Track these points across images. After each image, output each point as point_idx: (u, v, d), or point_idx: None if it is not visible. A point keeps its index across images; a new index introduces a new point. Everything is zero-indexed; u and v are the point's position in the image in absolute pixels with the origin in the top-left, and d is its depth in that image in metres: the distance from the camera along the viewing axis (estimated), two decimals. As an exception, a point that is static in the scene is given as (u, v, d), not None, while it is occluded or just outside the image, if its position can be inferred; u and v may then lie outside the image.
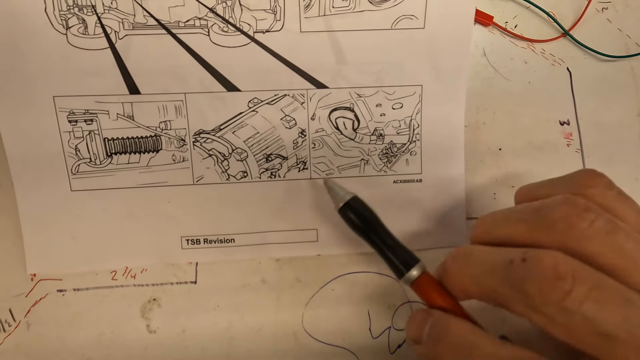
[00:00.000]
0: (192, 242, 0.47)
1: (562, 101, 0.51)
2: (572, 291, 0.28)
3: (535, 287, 0.29)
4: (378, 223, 0.41)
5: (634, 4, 0.52)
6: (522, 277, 0.30)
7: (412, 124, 0.48)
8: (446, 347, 0.33)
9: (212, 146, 0.46)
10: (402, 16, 0.45)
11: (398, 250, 0.39)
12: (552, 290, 0.29)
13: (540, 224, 0.32)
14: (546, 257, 0.30)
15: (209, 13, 0.43)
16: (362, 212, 0.41)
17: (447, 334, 0.34)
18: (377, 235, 0.40)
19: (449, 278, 0.36)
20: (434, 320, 0.35)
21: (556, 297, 0.28)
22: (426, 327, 0.35)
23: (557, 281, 0.29)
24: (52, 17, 0.42)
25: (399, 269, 0.39)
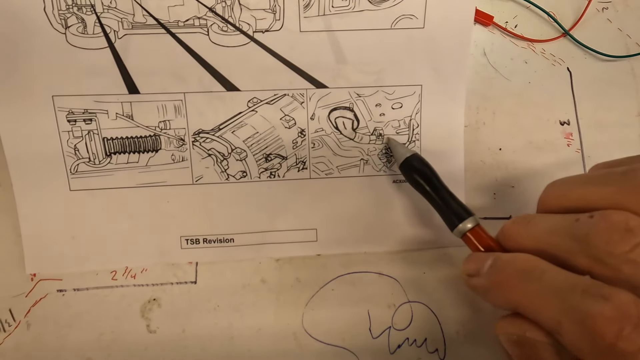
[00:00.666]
0: (191, 242, 0.47)
1: (562, 101, 0.51)
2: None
3: (603, 239, 0.29)
4: (436, 178, 0.43)
5: (634, 4, 0.53)
6: (588, 229, 0.30)
7: (412, 124, 0.48)
8: (513, 272, 0.33)
9: (211, 146, 0.46)
10: (401, 16, 0.45)
11: (452, 204, 0.41)
12: (621, 241, 0.28)
13: (630, 185, 0.30)
14: (617, 213, 0.29)
15: (208, 12, 0.44)
16: (421, 168, 0.43)
17: (514, 261, 0.33)
18: (434, 190, 0.42)
19: (506, 237, 0.36)
20: (497, 254, 0.35)
21: (624, 247, 0.28)
22: (488, 261, 0.35)
23: (627, 233, 0.28)
24: (51, 16, 0.42)
25: (452, 220, 0.40)
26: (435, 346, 0.49)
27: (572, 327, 0.29)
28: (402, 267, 0.49)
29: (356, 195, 0.48)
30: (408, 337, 0.49)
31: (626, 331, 0.27)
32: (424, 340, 0.49)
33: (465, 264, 0.37)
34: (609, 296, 0.28)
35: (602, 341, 0.27)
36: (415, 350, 0.49)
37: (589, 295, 0.28)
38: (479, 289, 0.36)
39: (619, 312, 0.27)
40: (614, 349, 0.27)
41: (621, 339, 0.27)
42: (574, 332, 0.29)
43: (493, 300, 0.35)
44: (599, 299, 0.28)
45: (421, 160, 0.44)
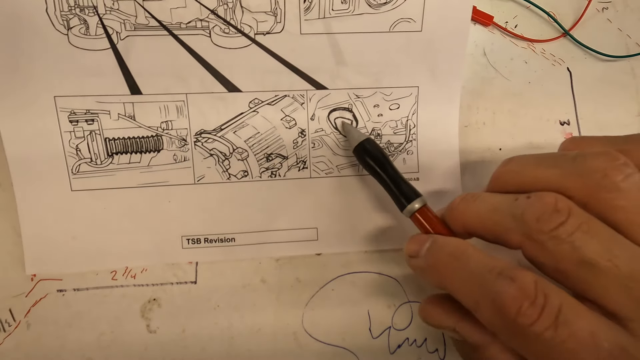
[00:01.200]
0: (192, 242, 0.48)
1: (562, 101, 0.52)
2: (565, 222, 0.31)
3: (534, 217, 0.32)
4: (387, 162, 0.44)
5: (634, 4, 0.53)
6: (523, 208, 0.33)
7: (409, 124, 0.49)
8: (444, 256, 0.37)
9: (213, 146, 0.47)
10: (400, 19, 0.46)
11: (403, 186, 0.43)
12: (548, 220, 0.32)
13: (574, 170, 0.34)
14: (549, 195, 0.33)
15: (210, 15, 0.44)
16: (374, 152, 0.44)
17: (446, 246, 0.37)
18: (386, 173, 0.43)
19: (453, 214, 0.39)
20: (434, 237, 0.39)
21: (551, 225, 0.32)
22: (427, 243, 0.38)
23: (554, 213, 0.32)
24: (54, 17, 0.42)
25: (401, 201, 0.42)
26: (435, 346, 0.50)
27: (486, 306, 0.32)
28: (402, 267, 0.50)
29: (356, 194, 0.49)
30: (408, 337, 0.49)
31: (524, 307, 0.30)
32: (424, 340, 0.50)
33: (407, 245, 0.41)
34: (515, 277, 0.31)
35: (506, 316, 0.31)
36: (415, 350, 0.49)
37: (501, 277, 0.32)
38: (417, 269, 0.39)
39: (520, 291, 0.31)
40: (515, 323, 0.30)
41: (520, 314, 0.30)
42: (487, 310, 0.32)
43: (429, 281, 0.39)
44: (507, 280, 0.31)
45: (374, 144, 0.45)
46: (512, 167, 0.38)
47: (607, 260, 0.30)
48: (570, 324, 0.30)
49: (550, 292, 0.31)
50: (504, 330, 0.32)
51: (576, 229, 0.31)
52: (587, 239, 0.31)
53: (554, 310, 0.30)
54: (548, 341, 0.30)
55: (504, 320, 0.31)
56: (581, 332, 0.29)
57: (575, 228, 0.31)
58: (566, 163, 0.34)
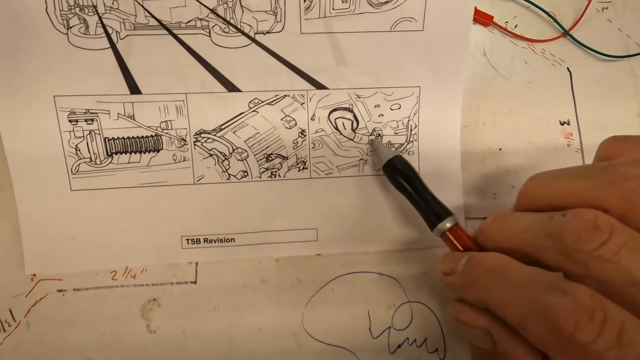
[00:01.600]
0: (192, 242, 0.48)
1: (562, 101, 0.53)
2: (608, 241, 0.30)
3: (573, 236, 0.31)
4: (417, 178, 0.44)
5: (634, 4, 0.54)
6: (560, 227, 0.31)
7: (410, 125, 0.49)
8: (483, 271, 0.36)
9: (212, 146, 0.47)
10: (401, 18, 0.47)
11: (433, 204, 0.43)
12: (590, 238, 0.30)
13: (607, 180, 0.32)
14: (586, 211, 0.31)
15: (210, 14, 0.44)
16: (403, 169, 0.45)
17: (485, 260, 0.36)
18: (416, 190, 0.44)
19: (485, 234, 0.39)
20: (471, 253, 0.38)
21: (593, 245, 0.30)
22: (462, 260, 0.38)
23: (595, 231, 0.30)
24: (53, 16, 0.43)
25: (432, 220, 0.42)
26: (435, 346, 0.50)
27: (535, 321, 0.31)
28: (402, 267, 0.50)
29: (356, 195, 0.49)
30: (408, 337, 0.50)
31: (582, 323, 0.28)
32: (424, 340, 0.50)
33: (441, 264, 0.40)
34: (568, 290, 0.30)
35: (561, 333, 0.29)
36: (415, 350, 0.50)
37: (551, 290, 0.30)
38: (454, 286, 0.39)
39: (576, 305, 0.29)
40: (572, 340, 0.29)
41: (578, 330, 0.28)
42: (537, 325, 0.31)
43: (466, 297, 0.38)
44: (559, 293, 0.30)
45: (403, 161, 0.45)
46: (539, 183, 0.37)
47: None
48: (636, 344, 0.28)
49: (609, 307, 0.29)
50: (558, 348, 0.31)
51: (621, 247, 0.30)
52: (635, 257, 0.29)
53: (616, 327, 0.29)
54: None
55: (559, 337, 0.30)
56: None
57: (619, 246, 0.30)
58: (596, 174, 0.33)
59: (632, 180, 0.31)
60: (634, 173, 0.31)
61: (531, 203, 0.37)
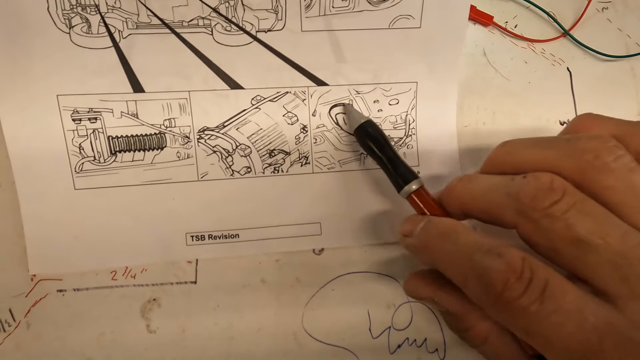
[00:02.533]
0: (197, 239, 0.49)
1: (562, 101, 0.54)
2: (560, 200, 0.33)
3: (529, 195, 0.34)
4: (387, 144, 0.46)
5: (634, 4, 0.55)
6: (519, 187, 0.35)
7: (408, 119, 0.51)
8: (436, 235, 0.39)
9: (216, 143, 0.48)
10: (399, 16, 0.48)
11: (400, 167, 0.44)
12: (543, 198, 0.34)
13: (568, 151, 0.36)
14: (545, 174, 0.35)
15: (212, 13, 0.46)
16: (374, 133, 0.46)
17: (439, 225, 0.39)
18: (385, 155, 0.45)
19: (450, 195, 0.42)
20: (429, 217, 0.41)
21: (545, 203, 0.33)
22: (421, 223, 0.41)
23: (549, 191, 0.34)
24: (55, 16, 0.44)
25: (398, 182, 0.44)
26: (435, 346, 0.51)
27: (474, 281, 0.35)
28: (402, 266, 0.51)
29: (358, 188, 0.51)
30: (408, 337, 0.51)
31: (511, 282, 0.32)
32: (424, 340, 0.51)
33: (402, 225, 0.43)
34: (502, 254, 0.33)
35: (492, 291, 0.33)
36: (415, 350, 0.51)
37: (489, 254, 0.34)
38: (411, 248, 0.42)
39: (507, 266, 0.33)
40: (501, 298, 0.32)
41: (506, 289, 0.32)
42: (475, 286, 0.35)
43: (421, 259, 0.42)
44: (495, 256, 0.33)
45: (375, 126, 0.47)
46: (507, 149, 0.40)
47: (599, 238, 0.32)
48: (557, 299, 0.31)
49: (537, 268, 0.32)
50: (490, 304, 0.34)
51: (570, 207, 0.33)
52: (581, 218, 0.33)
53: (540, 284, 0.32)
54: (533, 315, 0.31)
55: (491, 295, 0.33)
56: (567, 306, 0.31)
57: (569, 206, 0.33)
58: (560, 144, 0.36)
59: (589, 153, 0.35)
60: (592, 146, 0.35)
61: (498, 167, 0.40)
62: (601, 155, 0.34)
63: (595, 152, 0.34)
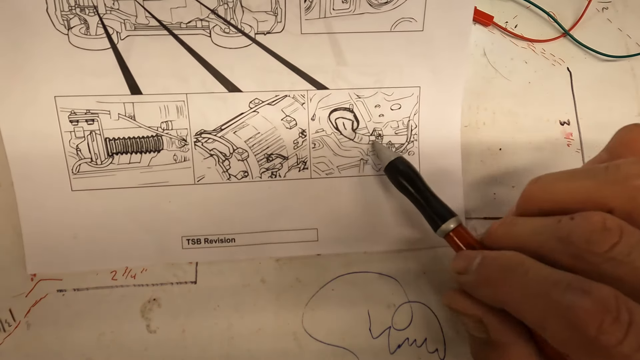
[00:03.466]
0: (192, 242, 0.49)
1: (562, 101, 0.54)
2: (619, 242, 0.30)
3: (583, 238, 0.31)
4: (419, 180, 0.45)
5: (634, 4, 0.55)
6: (569, 230, 0.32)
7: (410, 125, 0.50)
8: (498, 269, 0.35)
9: (213, 146, 0.48)
10: (401, 19, 0.48)
11: (435, 204, 0.43)
12: (601, 240, 0.30)
13: (610, 180, 0.32)
14: (595, 214, 0.31)
15: (210, 14, 0.45)
16: (406, 170, 0.45)
17: (500, 259, 0.36)
18: (418, 192, 0.44)
19: (492, 239, 0.39)
20: (484, 252, 0.38)
21: (604, 247, 0.30)
22: (477, 258, 0.37)
23: (605, 232, 0.30)
24: (54, 17, 0.44)
25: (434, 220, 0.43)
26: (435, 346, 0.51)
27: (556, 322, 0.30)
28: (402, 267, 0.51)
29: (357, 195, 0.50)
30: (408, 337, 0.51)
31: (606, 324, 0.28)
32: (424, 340, 0.51)
33: (454, 262, 0.40)
34: (590, 290, 0.29)
35: (584, 334, 0.28)
36: (415, 350, 0.51)
37: (571, 290, 0.30)
38: (468, 285, 0.39)
39: (599, 305, 0.28)
40: (595, 342, 0.28)
41: (602, 332, 0.28)
42: (558, 327, 0.30)
43: (481, 296, 0.38)
44: (581, 293, 0.29)
45: (405, 162, 0.46)
46: (541, 185, 0.37)
47: None
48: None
49: (634, 308, 0.29)
50: (580, 349, 0.30)
51: (633, 248, 0.30)
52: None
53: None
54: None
55: (581, 339, 0.29)
56: None
57: (631, 247, 0.30)
58: (599, 174, 0.33)
59: (636, 179, 0.31)
60: (636, 171, 0.31)
61: (535, 205, 0.37)
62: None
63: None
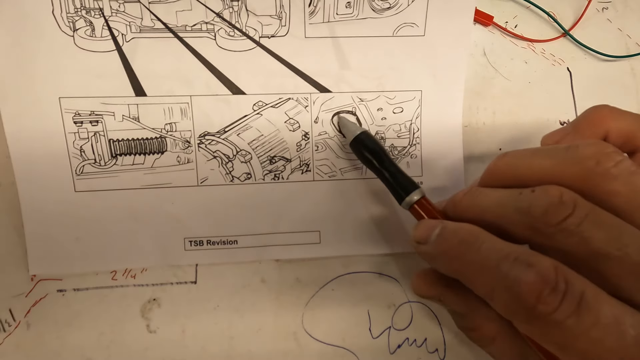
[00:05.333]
0: (195, 244, 0.50)
1: (562, 101, 0.55)
2: (572, 214, 0.33)
3: (540, 210, 0.34)
4: (384, 154, 0.47)
5: (634, 4, 0.57)
6: (529, 202, 0.35)
7: (412, 128, 0.52)
8: (455, 242, 0.38)
9: (216, 148, 0.50)
10: (403, 24, 0.50)
11: (400, 178, 0.45)
12: (555, 212, 0.33)
13: (568, 159, 0.36)
14: (554, 187, 0.34)
15: (215, 18, 0.47)
16: (371, 145, 0.47)
17: (458, 231, 0.38)
18: (383, 166, 0.46)
19: (456, 208, 0.42)
20: (444, 223, 0.40)
21: (558, 218, 0.33)
22: (436, 229, 0.40)
23: (560, 205, 0.33)
24: (60, 18, 0.45)
25: (399, 193, 0.45)
26: (435, 346, 0.53)
27: (502, 293, 0.34)
28: (402, 267, 0.53)
29: (359, 198, 0.52)
30: (408, 337, 0.53)
31: (544, 294, 0.31)
32: (424, 340, 0.53)
33: (414, 231, 0.42)
34: (533, 263, 0.32)
35: (525, 304, 0.32)
36: (415, 350, 0.53)
37: (518, 263, 0.33)
38: (426, 255, 0.41)
39: (539, 277, 0.32)
40: (534, 311, 0.31)
41: (540, 302, 0.31)
42: (503, 298, 0.34)
43: (438, 267, 0.41)
44: (525, 266, 0.32)
45: (371, 137, 0.48)
46: (507, 160, 0.40)
47: (616, 250, 0.32)
48: (594, 312, 0.30)
49: (571, 278, 0.31)
50: (521, 318, 0.33)
51: (583, 220, 0.33)
52: (595, 230, 0.32)
53: (576, 296, 0.31)
54: (570, 329, 0.30)
55: (522, 308, 0.32)
56: (605, 319, 0.30)
57: (581, 219, 0.33)
58: (560, 153, 0.36)
59: (590, 160, 0.35)
60: (591, 153, 0.35)
61: (498, 179, 0.40)
62: (602, 161, 0.34)
63: (595, 158, 0.34)
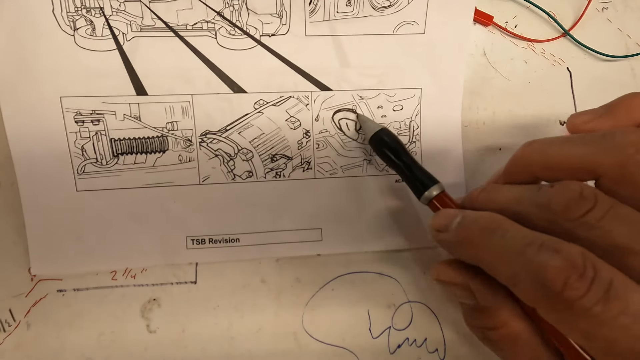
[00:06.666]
0: (197, 242, 0.51)
1: (562, 101, 0.57)
2: (593, 208, 0.34)
3: (561, 205, 0.35)
4: (403, 150, 0.48)
5: (634, 4, 0.58)
6: (549, 197, 0.36)
7: (412, 125, 0.53)
8: (477, 229, 0.38)
9: (218, 146, 0.51)
10: (403, 22, 0.51)
11: (419, 173, 0.46)
12: (576, 207, 0.34)
13: (605, 147, 0.36)
14: (573, 183, 0.35)
15: (216, 16, 0.48)
16: (390, 141, 0.48)
17: (480, 219, 0.39)
18: (402, 161, 0.47)
19: (473, 204, 0.43)
20: (465, 212, 0.41)
21: (579, 212, 0.34)
22: (457, 218, 0.40)
23: (581, 200, 0.34)
24: (60, 18, 0.46)
25: (418, 188, 0.46)
26: (435, 346, 0.54)
27: (526, 279, 0.34)
28: (402, 267, 0.54)
29: (361, 195, 0.53)
30: (408, 337, 0.54)
31: (572, 280, 0.31)
32: (424, 340, 0.54)
33: (434, 219, 0.43)
34: (560, 249, 0.32)
35: (551, 290, 0.32)
36: (415, 350, 0.54)
37: (544, 249, 0.33)
38: (446, 243, 0.42)
39: (567, 262, 0.32)
40: (561, 297, 0.31)
41: (567, 287, 0.31)
42: (527, 283, 0.34)
43: (459, 255, 0.42)
44: (552, 252, 0.33)
45: (389, 133, 0.49)
46: (535, 147, 0.40)
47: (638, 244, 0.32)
48: (623, 299, 0.30)
49: (599, 265, 0.32)
50: (547, 305, 0.33)
51: (604, 214, 0.33)
52: (617, 224, 0.33)
53: (604, 283, 0.31)
54: (597, 316, 0.31)
55: (548, 294, 0.32)
56: (634, 307, 0.30)
57: (603, 213, 0.33)
58: (596, 141, 0.36)
59: (630, 147, 0.35)
60: (631, 141, 0.35)
61: (525, 167, 0.41)
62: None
63: (636, 146, 0.34)
